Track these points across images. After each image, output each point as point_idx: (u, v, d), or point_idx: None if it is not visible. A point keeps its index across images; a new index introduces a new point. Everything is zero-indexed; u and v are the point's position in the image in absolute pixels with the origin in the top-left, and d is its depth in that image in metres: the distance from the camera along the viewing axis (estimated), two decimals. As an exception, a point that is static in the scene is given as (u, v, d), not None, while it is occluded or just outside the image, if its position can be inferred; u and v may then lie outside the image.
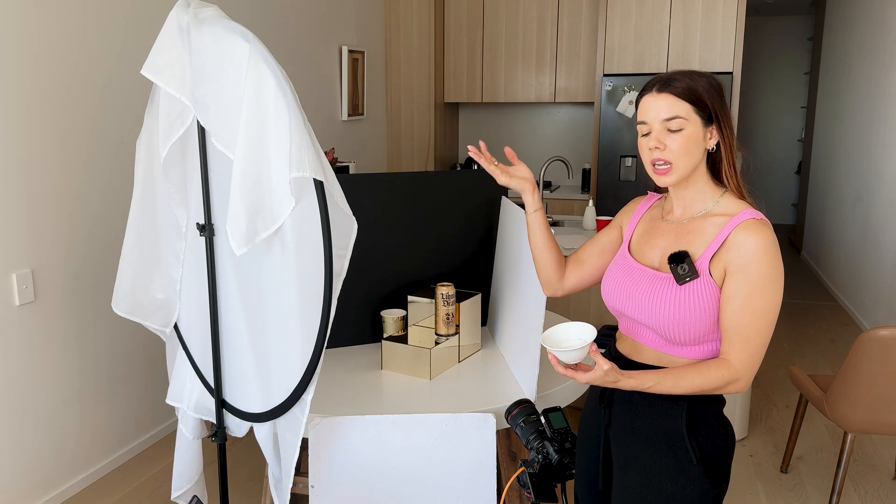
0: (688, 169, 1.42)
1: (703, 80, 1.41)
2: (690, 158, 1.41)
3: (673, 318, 1.41)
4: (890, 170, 4.77)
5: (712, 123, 1.41)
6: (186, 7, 1.70)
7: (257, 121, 1.54)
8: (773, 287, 1.36)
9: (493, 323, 2.40)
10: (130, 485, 3.01)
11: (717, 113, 1.40)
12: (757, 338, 1.37)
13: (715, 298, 1.39)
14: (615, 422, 1.55)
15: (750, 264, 1.35)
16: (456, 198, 2.36)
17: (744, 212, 1.40)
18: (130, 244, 1.99)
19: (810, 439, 3.43)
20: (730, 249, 1.38)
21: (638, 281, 1.48)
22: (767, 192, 9.20)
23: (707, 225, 1.43)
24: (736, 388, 1.39)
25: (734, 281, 1.37)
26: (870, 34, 5.37)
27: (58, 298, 2.83)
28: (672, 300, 1.41)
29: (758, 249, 1.35)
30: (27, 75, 2.63)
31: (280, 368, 1.70)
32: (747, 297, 1.36)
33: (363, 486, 1.78)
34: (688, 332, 1.41)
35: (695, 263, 1.41)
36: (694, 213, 1.47)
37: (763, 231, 1.37)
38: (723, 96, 1.42)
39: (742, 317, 1.36)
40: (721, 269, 1.39)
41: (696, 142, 1.40)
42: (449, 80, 5.86)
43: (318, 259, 1.57)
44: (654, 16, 5.12)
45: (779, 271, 1.37)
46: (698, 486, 1.44)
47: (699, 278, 1.39)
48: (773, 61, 8.88)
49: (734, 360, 1.38)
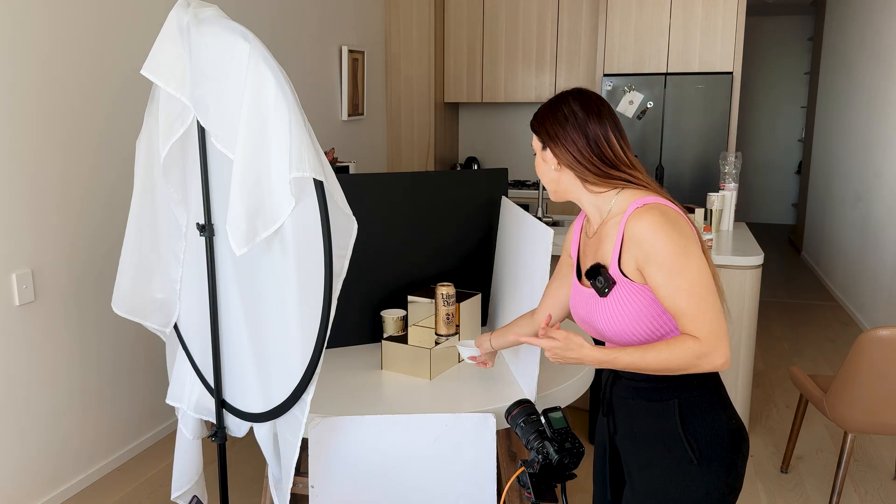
0: (553, 190, 1.54)
1: (543, 107, 1.52)
2: (547, 182, 1.54)
3: (616, 327, 1.43)
4: (890, 170, 4.77)
5: (547, 148, 1.51)
6: (186, 7, 1.70)
7: (257, 121, 1.54)
8: (684, 258, 1.35)
9: (493, 323, 2.40)
10: (130, 485, 3.01)
11: (546, 137, 1.49)
12: (702, 310, 1.35)
13: (643, 295, 1.41)
14: (619, 429, 1.57)
15: (651, 251, 1.36)
16: (456, 198, 2.36)
17: (632, 203, 1.42)
18: (130, 244, 1.99)
19: (810, 439, 3.43)
20: (629, 245, 1.40)
21: (583, 303, 1.51)
22: (767, 192, 9.21)
23: (610, 229, 1.46)
24: (710, 361, 1.36)
25: (649, 272, 1.38)
26: (870, 34, 5.36)
27: (58, 298, 2.83)
28: (607, 313, 1.44)
29: (649, 233, 1.36)
30: (32, 76, 2.63)
31: (280, 368, 1.70)
32: (668, 280, 1.36)
33: (363, 486, 1.78)
34: (636, 335, 1.43)
35: (609, 271, 1.43)
36: (601, 219, 1.51)
37: (648, 213, 1.38)
38: (554, 116, 1.48)
39: (677, 299, 1.36)
40: (634, 266, 1.40)
41: (542, 166, 1.54)
42: (449, 79, 5.86)
43: (318, 259, 1.57)
44: (654, 16, 5.12)
45: (682, 241, 1.36)
46: (701, 487, 1.44)
47: (618, 284, 1.42)
48: (773, 61, 8.88)
49: (697, 335, 1.36)
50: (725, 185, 3.83)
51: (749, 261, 3.20)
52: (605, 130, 1.46)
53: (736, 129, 5.90)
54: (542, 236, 1.85)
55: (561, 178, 1.51)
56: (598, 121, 1.46)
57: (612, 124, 1.48)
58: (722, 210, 3.74)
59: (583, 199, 1.52)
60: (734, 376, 3.30)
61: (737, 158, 3.82)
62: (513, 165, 6.24)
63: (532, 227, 1.96)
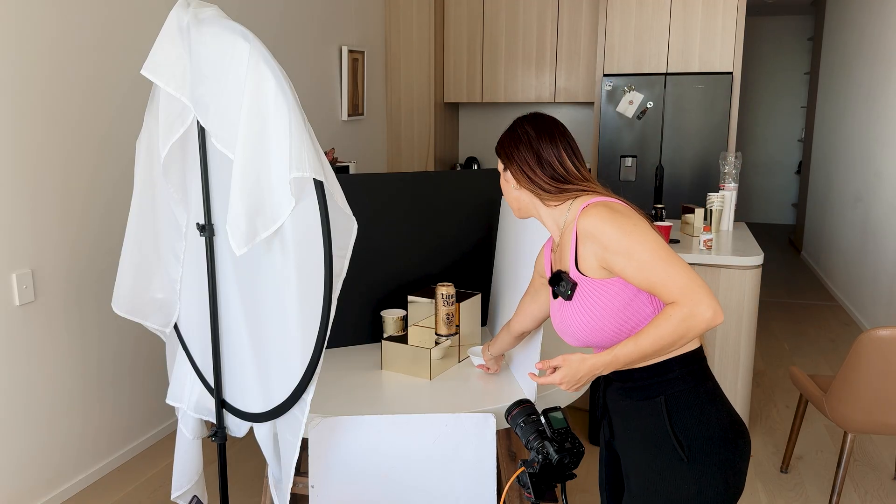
0: (516, 207, 1.62)
1: (504, 132, 1.62)
2: (510, 200, 1.63)
3: (588, 327, 1.47)
4: (890, 170, 4.77)
5: (507, 169, 1.60)
6: (186, 7, 1.70)
7: (257, 121, 1.54)
8: (636, 235, 1.40)
9: (493, 323, 2.40)
10: (130, 485, 3.01)
11: (504, 158, 1.59)
12: (669, 274, 1.37)
13: (604, 290, 1.44)
14: (616, 433, 1.59)
15: (604, 239, 1.41)
16: (456, 198, 2.36)
17: (581, 208, 1.48)
18: (130, 244, 1.99)
19: (810, 439, 3.43)
20: (585, 242, 1.45)
21: (557, 314, 1.56)
22: (767, 192, 9.21)
23: (566, 236, 1.53)
24: (699, 317, 1.34)
25: (611, 262, 1.42)
26: (870, 34, 5.37)
27: (58, 298, 2.83)
28: (577, 315, 1.48)
29: (598, 224, 1.42)
30: (33, 75, 2.63)
31: (280, 368, 1.70)
32: (629, 260, 1.39)
33: (363, 486, 1.78)
34: (608, 330, 1.46)
35: (569, 275, 1.49)
36: (559, 232, 1.58)
37: (594, 209, 1.44)
38: (510, 138, 1.58)
39: (644, 273, 1.38)
40: (593, 263, 1.45)
41: (505, 186, 1.63)
42: (449, 80, 5.86)
43: (318, 259, 1.57)
44: (654, 16, 5.12)
45: (629, 223, 1.41)
46: (693, 485, 1.43)
47: (579, 284, 1.47)
48: (773, 61, 8.88)
49: (673, 299, 1.37)
50: (725, 185, 3.83)
51: (749, 261, 3.20)
52: (556, 150, 1.54)
53: (736, 129, 5.90)
54: (542, 236, 1.86)
55: (521, 196, 1.60)
56: (549, 140, 1.55)
57: (564, 144, 1.56)
58: (722, 210, 3.74)
59: (542, 214, 1.59)
60: (734, 376, 3.30)
61: (737, 158, 3.83)
62: (513, 165, 6.24)
63: (532, 228, 1.97)
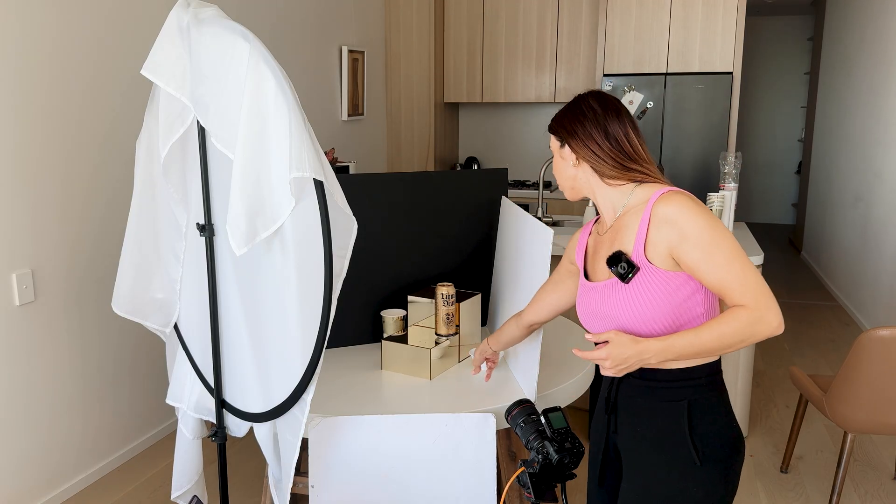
0: (570, 187, 1.57)
1: (561, 109, 1.58)
2: (564, 179, 1.58)
3: (638, 315, 1.43)
4: (890, 170, 4.77)
5: (565, 145, 1.54)
6: (186, 7, 1.70)
7: (257, 121, 1.54)
8: (718, 231, 1.38)
9: (493, 323, 2.40)
10: (130, 485, 3.01)
11: (565, 133, 1.54)
12: (745, 277, 1.36)
13: (666, 281, 1.41)
14: (620, 428, 1.57)
15: (685, 229, 1.38)
16: (456, 198, 2.36)
17: (655, 193, 1.45)
18: (130, 244, 1.99)
19: (810, 439, 3.43)
20: (659, 228, 1.41)
21: (596, 297, 1.51)
22: (767, 192, 9.21)
23: (629, 219, 1.48)
24: (766, 325, 1.34)
25: (685, 251, 1.39)
26: (870, 34, 5.37)
27: (58, 298, 2.83)
28: (629, 300, 1.44)
29: (681, 212, 1.39)
30: (34, 76, 2.63)
31: (280, 368, 1.70)
32: (706, 256, 1.37)
33: (363, 486, 1.78)
34: (657, 323, 1.42)
35: (631, 258, 1.44)
36: (615, 215, 1.53)
37: (676, 196, 1.41)
38: (573, 114, 1.52)
39: (719, 273, 1.37)
40: (663, 250, 1.41)
41: (560, 164, 1.57)
42: (449, 80, 5.86)
43: (318, 259, 1.57)
44: (654, 16, 5.12)
45: (711, 218, 1.39)
46: (701, 488, 1.45)
47: (641, 269, 1.43)
48: (773, 61, 8.88)
49: (744, 303, 1.36)
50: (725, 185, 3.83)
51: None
52: (623, 126, 1.50)
53: (736, 129, 5.90)
54: (542, 236, 1.85)
55: (578, 174, 1.54)
56: (616, 117, 1.50)
57: (630, 122, 1.52)
58: (722, 210, 3.73)
59: (599, 193, 1.54)
60: (734, 376, 3.30)
61: (737, 158, 3.82)
62: (513, 165, 6.24)
63: (532, 227, 1.97)
